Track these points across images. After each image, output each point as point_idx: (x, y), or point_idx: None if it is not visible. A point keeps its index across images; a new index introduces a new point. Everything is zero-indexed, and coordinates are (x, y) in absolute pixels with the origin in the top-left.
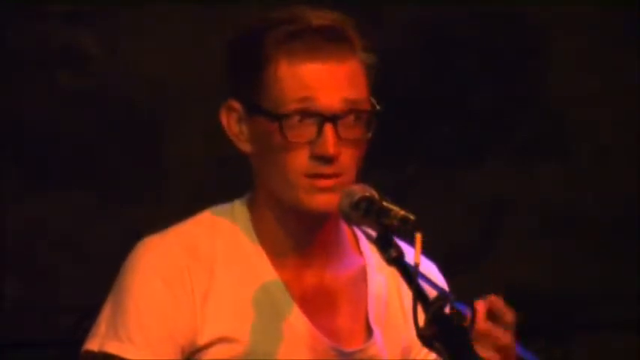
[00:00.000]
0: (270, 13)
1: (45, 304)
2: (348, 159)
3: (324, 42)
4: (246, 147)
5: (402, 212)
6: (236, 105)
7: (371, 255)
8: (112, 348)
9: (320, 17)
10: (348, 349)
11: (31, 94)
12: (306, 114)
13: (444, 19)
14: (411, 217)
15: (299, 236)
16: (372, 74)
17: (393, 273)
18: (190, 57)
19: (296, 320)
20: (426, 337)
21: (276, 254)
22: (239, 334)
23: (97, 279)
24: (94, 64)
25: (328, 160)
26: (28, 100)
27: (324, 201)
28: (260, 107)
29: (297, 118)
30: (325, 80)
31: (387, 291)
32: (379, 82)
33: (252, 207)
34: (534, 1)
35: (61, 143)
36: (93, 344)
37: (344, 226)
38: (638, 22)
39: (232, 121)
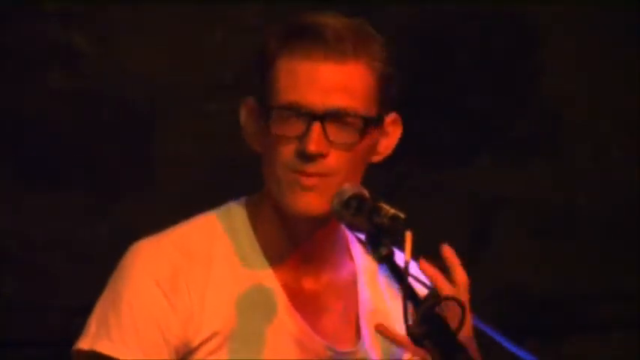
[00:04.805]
0: (292, 18)
1: (42, 304)
2: (335, 161)
3: (324, 43)
4: (257, 146)
5: (393, 210)
6: (253, 104)
7: (361, 259)
8: (103, 347)
9: (330, 20)
10: (341, 349)
11: (26, 94)
12: (295, 110)
13: (443, 18)
14: (402, 215)
15: (297, 239)
16: (387, 85)
17: (374, 278)
18: (186, 57)
19: (291, 320)
20: (416, 336)
21: (274, 256)
22: (235, 333)
23: (93, 279)
24: (89, 63)
25: (310, 157)
26: (23, 99)
27: (305, 202)
28: (262, 103)
29: (287, 113)
30: (319, 80)
31: (375, 296)
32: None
33: (253, 209)
34: (533, 1)
35: (56, 143)
36: (84, 343)
37: (343, 230)
38: (638, 22)
39: (250, 120)
